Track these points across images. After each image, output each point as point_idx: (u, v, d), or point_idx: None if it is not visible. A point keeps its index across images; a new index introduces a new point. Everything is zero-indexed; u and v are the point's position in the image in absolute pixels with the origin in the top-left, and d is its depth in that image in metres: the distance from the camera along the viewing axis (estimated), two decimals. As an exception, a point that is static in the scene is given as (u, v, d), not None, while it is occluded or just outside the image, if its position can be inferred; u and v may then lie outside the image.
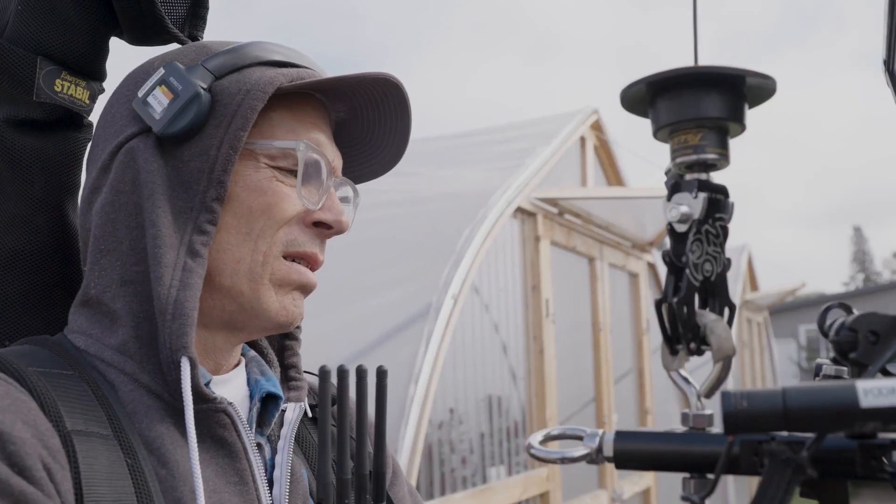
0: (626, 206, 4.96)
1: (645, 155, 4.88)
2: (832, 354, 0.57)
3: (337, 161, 0.88)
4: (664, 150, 0.61)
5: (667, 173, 0.59)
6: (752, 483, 9.37)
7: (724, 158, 0.58)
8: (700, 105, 0.56)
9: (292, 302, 0.83)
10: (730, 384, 6.67)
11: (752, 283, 11.72)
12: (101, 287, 0.79)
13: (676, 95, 0.57)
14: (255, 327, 0.83)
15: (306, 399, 0.91)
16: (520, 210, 4.04)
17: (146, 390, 0.76)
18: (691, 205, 0.57)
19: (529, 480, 3.94)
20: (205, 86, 0.79)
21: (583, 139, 5.02)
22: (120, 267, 0.78)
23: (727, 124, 0.57)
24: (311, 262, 0.84)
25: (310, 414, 0.93)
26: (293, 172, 0.82)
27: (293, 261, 0.83)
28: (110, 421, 0.73)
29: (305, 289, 0.84)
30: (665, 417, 6.33)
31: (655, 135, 0.59)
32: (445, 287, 3.34)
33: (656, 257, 6.14)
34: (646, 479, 5.46)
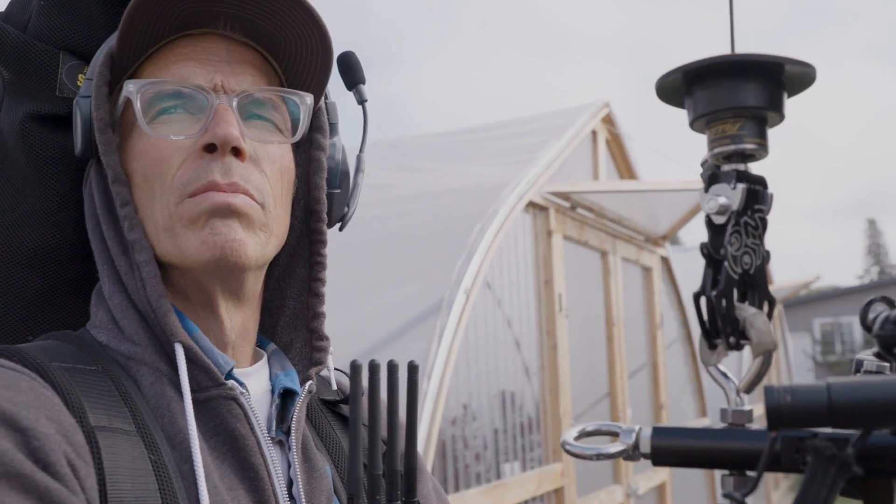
0: (639, 200, 4.94)
1: (657, 148, 4.87)
2: (874, 349, 0.56)
3: (223, 79, 0.81)
4: (676, 143, 0.60)
5: (703, 164, 0.58)
6: (768, 487, 9.36)
7: (762, 149, 0.57)
8: (738, 94, 0.55)
9: (210, 232, 0.77)
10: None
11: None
12: (104, 283, 0.81)
13: (714, 84, 0.55)
14: (205, 277, 0.80)
15: (324, 381, 0.90)
16: (532, 204, 4.03)
17: (168, 380, 0.76)
18: (730, 196, 0.56)
19: (544, 476, 3.94)
20: (87, 94, 0.81)
21: (594, 133, 5.01)
22: (108, 270, 0.81)
23: (766, 113, 0.56)
24: (218, 190, 0.78)
25: (341, 409, 0.93)
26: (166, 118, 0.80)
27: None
28: (133, 416, 0.73)
29: (219, 211, 0.77)
30: (679, 412, 6.31)
31: (692, 125, 0.58)
32: (457, 282, 3.33)
33: (669, 251, 6.12)
34: (660, 474, 5.45)
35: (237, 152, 0.79)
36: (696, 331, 6.59)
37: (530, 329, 4.11)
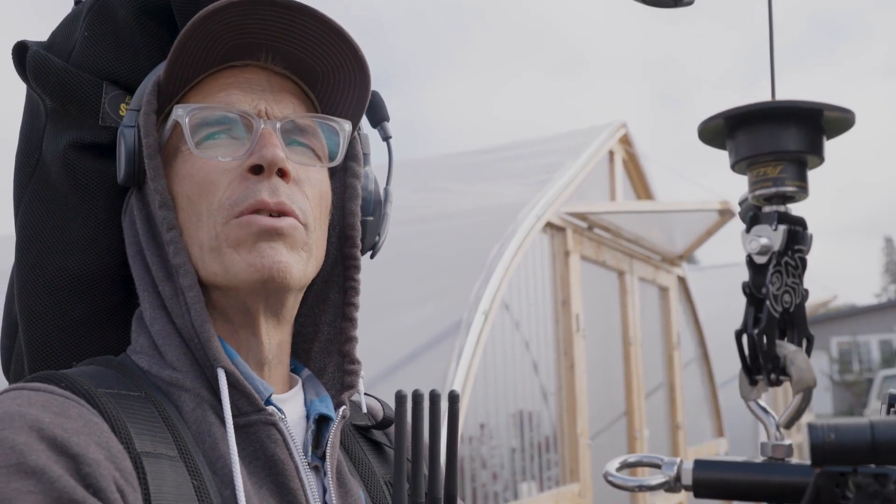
0: (656, 220, 4.95)
1: (673, 165, 4.87)
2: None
3: (267, 106, 0.84)
4: (692, 162, 0.61)
5: (741, 203, 0.60)
6: None
7: (802, 191, 0.59)
8: (779, 139, 0.57)
9: (258, 254, 0.79)
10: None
11: (781, 296, 11.59)
12: (145, 309, 0.82)
13: (755, 129, 0.57)
14: (250, 297, 0.81)
15: (359, 405, 0.91)
16: (549, 225, 4.04)
17: (208, 405, 0.78)
18: (771, 237, 0.57)
19: (561, 496, 3.93)
20: (132, 124, 0.83)
21: (611, 153, 5.02)
22: (149, 296, 0.82)
23: (806, 157, 0.58)
24: (266, 209, 0.80)
25: (372, 434, 0.93)
26: (211, 143, 0.82)
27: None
28: (176, 442, 0.75)
29: (268, 234, 0.79)
30: (696, 432, 6.28)
31: (733, 167, 0.60)
32: (476, 303, 3.34)
33: (686, 271, 6.11)
34: (678, 495, 5.41)
35: (282, 174, 0.81)
36: (712, 351, 6.58)
37: (548, 349, 4.11)
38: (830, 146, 0.62)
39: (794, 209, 0.59)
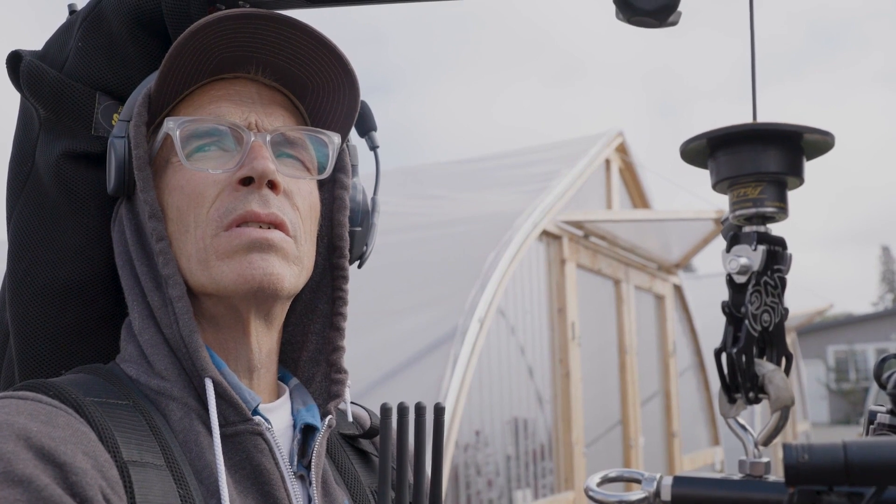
0: (652, 229, 4.96)
1: (669, 174, 4.89)
2: (888, 406, 0.58)
3: (257, 118, 0.85)
4: (689, 171, 0.62)
5: (723, 222, 0.61)
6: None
7: (782, 211, 0.60)
8: (759, 160, 0.58)
9: (248, 265, 0.80)
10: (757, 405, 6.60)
11: (778, 305, 11.61)
12: (134, 319, 0.83)
13: (736, 150, 0.58)
14: (241, 303, 0.82)
15: (344, 415, 0.92)
16: (545, 233, 4.06)
17: (196, 415, 0.78)
18: (751, 257, 0.58)
19: (555, 504, 3.93)
20: (122, 134, 0.84)
21: (608, 161, 5.04)
22: (138, 306, 0.83)
23: (786, 178, 0.59)
24: (257, 220, 0.81)
25: (359, 443, 0.94)
26: (202, 155, 0.83)
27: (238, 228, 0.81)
28: (163, 451, 0.75)
29: (259, 245, 0.80)
30: (692, 440, 6.28)
31: (714, 187, 0.61)
32: (471, 310, 3.35)
33: (682, 279, 6.12)
34: (672, 503, 5.42)
35: (272, 186, 0.82)
36: (708, 359, 6.58)
37: (543, 357, 4.12)
38: (827, 155, 0.63)
39: (775, 229, 0.60)
